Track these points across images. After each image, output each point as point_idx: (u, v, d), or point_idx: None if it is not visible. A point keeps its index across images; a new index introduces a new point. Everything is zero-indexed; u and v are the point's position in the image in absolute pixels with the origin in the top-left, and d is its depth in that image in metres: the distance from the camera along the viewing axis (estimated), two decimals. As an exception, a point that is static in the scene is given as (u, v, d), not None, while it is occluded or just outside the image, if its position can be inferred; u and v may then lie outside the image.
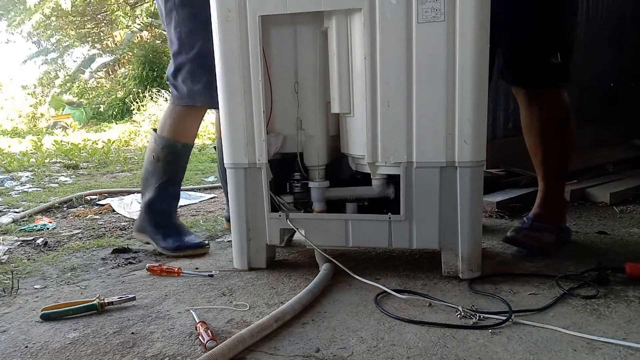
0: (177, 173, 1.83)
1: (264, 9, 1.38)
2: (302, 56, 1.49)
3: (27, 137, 7.73)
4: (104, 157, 4.89)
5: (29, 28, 12.17)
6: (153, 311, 1.26)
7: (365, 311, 1.22)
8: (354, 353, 1.02)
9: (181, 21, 1.71)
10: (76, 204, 2.77)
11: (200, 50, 1.68)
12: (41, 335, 1.15)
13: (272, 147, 1.48)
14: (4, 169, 4.23)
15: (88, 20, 13.47)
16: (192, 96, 1.72)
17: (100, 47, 13.88)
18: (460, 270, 1.39)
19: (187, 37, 1.70)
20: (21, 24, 12.03)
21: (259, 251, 1.53)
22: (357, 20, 1.35)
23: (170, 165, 1.79)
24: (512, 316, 1.13)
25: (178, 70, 1.74)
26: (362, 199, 1.51)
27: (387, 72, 1.33)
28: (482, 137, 1.34)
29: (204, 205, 2.75)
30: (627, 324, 1.11)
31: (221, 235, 2.03)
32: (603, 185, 2.51)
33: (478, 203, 1.39)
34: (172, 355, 1.03)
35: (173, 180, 1.82)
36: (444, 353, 1.00)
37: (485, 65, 1.31)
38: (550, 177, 1.72)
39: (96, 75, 13.75)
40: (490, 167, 2.48)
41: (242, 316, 1.21)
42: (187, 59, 1.71)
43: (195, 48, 1.69)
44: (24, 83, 14.80)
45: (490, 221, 2.10)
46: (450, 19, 1.26)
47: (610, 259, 1.54)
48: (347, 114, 1.46)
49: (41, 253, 1.86)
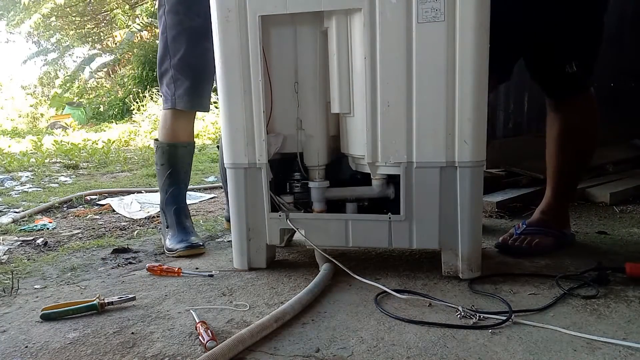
0: (177, 174, 1.86)
1: (264, 9, 1.38)
2: (302, 56, 1.49)
3: (27, 137, 7.73)
4: (104, 157, 4.89)
5: (27, 28, 12.15)
6: (153, 311, 1.26)
7: (365, 311, 1.22)
8: (354, 353, 1.02)
9: (168, 27, 1.77)
10: (76, 204, 2.77)
11: (183, 56, 1.76)
12: (41, 335, 1.15)
13: (272, 147, 1.48)
14: (4, 169, 4.23)
15: (88, 20, 13.47)
16: (174, 100, 1.80)
17: (100, 47, 13.88)
18: (460, 270, 1.39)
19: (172, 43, 1.77)
20: (20, 24, 12.03)
21: (259, 251, 1.53)
22: (357, 20, 1.35)
23: (168, 167, 1.85)
24: (512, 316, 1.13)
25: (162, 75, 1.83)
26: (362, 199, 1.51)
27: (387, 72, 1.33)
28: (482, 137, 1.34)
29: (204, 205, 2.75)
30: (627, 324, 1.11)
31: (221, 235, 2.03)
32: (603, 185, 2.51)
33: (478, 203, 1.39)
34: (172, 355, 1.03)
35: (174, 181, 1.86)
36: (444, 353, 1.00)
37: (485, 65, 1.30)
38: (559, 188, 1.71)
39: (96, 75, 13.75)
40: (490, 167, 2.48)
41: (242, 316, 1.21)
42: (171, 64, 1.78)
43: (179, 54, 1.77)
44: (24, 83, 14.81)
45: (490, 221, 2.10)
46: (450, 19, 1.26)
47: (610, 259, 1.53)
48: (347, 114, 1.46)
49: (41, 253, 1.86)
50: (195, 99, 1.79)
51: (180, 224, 1.82)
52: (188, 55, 1.75)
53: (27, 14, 11.67)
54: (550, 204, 1.72)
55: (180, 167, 1.87)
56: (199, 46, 1.77)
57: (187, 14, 1.72)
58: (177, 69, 1.78)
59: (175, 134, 1.85)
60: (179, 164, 1.86)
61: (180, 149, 1.86)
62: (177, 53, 1.77)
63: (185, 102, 1.79)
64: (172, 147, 1.84)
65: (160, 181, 1.88)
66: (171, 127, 1.84)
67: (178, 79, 1.78)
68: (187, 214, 1.88)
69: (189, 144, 1.90)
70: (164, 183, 1.86)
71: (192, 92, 1.77)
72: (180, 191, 1.88)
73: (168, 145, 1.84)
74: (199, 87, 1.81)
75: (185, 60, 1.76)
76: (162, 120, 1.88)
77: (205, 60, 1.78)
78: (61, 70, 14.54)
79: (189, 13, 1.51)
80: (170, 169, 1.85)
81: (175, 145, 1.85)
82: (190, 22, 1.72)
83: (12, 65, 26.09)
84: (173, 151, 1.84)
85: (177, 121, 1.85)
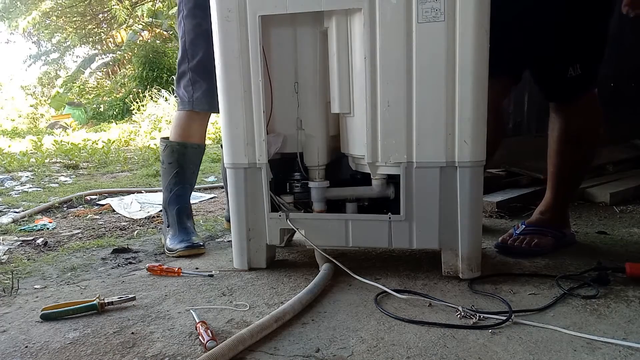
0: (184, 174, 1.88)
1: (264, 9, 1.38)
2: (302, 56, 1.49)
3: (27, 137, 7.73)
4: (104, 157, 4.89)
5: (24, 24, 12.13)
6: (153, 311, 1.26)
7: (365, 311, 1.22)
8: (354, 353, 1.02)
9: (186, 32, 1.80)
10: (76, 204, 2.77)
11: (202, 59, 1.78)
12: (41, 335, 1.15)
13: (272, 147, 1.48)
14: (4, 169, 4.24)
15: (88, 21, 13.47)
16: (192, 102, 1.82)
17: (101, 48, 13.89)
18: (460, 270, 1.39)
19: (191, 46, 1.80)
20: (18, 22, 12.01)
21: (259, 251, 1.53)
22: (357, 20, 1.35)
23: (175, 166, 1.86)
24: (512, 316, 1.13)
25: (180, 77, 1.84)
26: (362, 199, 1.51)
27: (387, 72, 1.33)
28: (482, 137, 1.34)
29: (204, 205, 2.75)
30: (627, 324, 1.11)
31: (221, 235, 2.03)
32: (603, 185, 2.51)
33: (478, 203, 1.39)
34: (172, 355, 1.03)
35: (180, 181, 1.87)
36: (444, 353, 1.00)
37: (485, 65, 1.30)
38: (559, 189, 1.70)
39: (96, 75, 13.76)
40: (490, 167, 2.48)
41: (242, 316, 1.21)
42: (189, 67, 1.81)
43: (197, 57, 1.79)
44: (24, 83, 14.82)
45: (490, 221, 2.10)
46: (450, 19, 1.26)
47: (610, 259, 1.53)
48: (347, 114, 1.46)
49: (41, 253, 1.86)
50: (212, 100, 1.77)
51: (181, 224, 1.83)
52: (206, 58, 1.76)
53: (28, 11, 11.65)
54: (550, 204, 1.72)
55: (188, 167, 1.88)
56: None
57: (204, 18, 1.72)
58: (195, 72, 1.80)
59: (188, 134, 1.87)
60: (187, 163, 1.88)
61: (190, 149, 1.87)
62: (195, 56, 1.79)
63: (203, 104, 1.81)
64: (182, 146, 1.85)
65: (165, 180, 1.89)
66: (185, 127, 1.86)
67: (196, 82, 1.80)
68: (189, 214, 1.89)
69: (200, 145, 1.91)
70: (169, 182, 1.87)
71: (209, 94, 1.77)
72: (185, 191, 1.89)
73: (178, 145, 1.85)
74: (216, 89, 1.82)
75: (203, 63, 1.78)
76: (175, 120, 1.89)
77: None
78: (61, 70, 14.55)
79: (206, 17, 1.53)
80: (178, 169, 1.86)
81: (186, 145, 1.86)
82: (207, 26, 1.72)
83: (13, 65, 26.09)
84: (183, 151, 1.86)
85: (192, 122, 1.87)
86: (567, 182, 1.71)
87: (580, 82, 1.59)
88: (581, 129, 1.65)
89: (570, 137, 1.65)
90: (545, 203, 1.73)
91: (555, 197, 1.71)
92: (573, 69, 1.57)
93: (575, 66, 1.57)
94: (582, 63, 1.57)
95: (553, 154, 1.69)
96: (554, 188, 1.71)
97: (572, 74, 1.57)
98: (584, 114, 1.65)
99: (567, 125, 1.65)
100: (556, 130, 1.67)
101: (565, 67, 1.57)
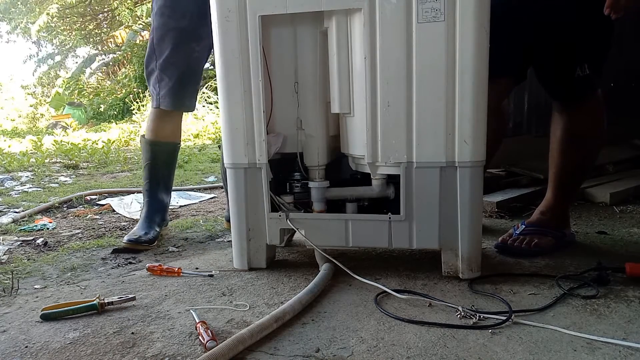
0: (156, 170, 1.94)
1: (264, 9, 1.38)
2: (302, 56, 1.49)
3: (27, 137, 7.73)
4: (104, 157, 4.89)
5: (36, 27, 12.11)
6: (153, 311, 1.26)
7: (365, 311, 1.22)
8: (354, 353, 1.02)
9: (154, 29, 1.83)
10: (76, 204, 2.77)
11: (168, 57, 1.81)
12: (41, 335, 1.15)
13: (272, 147, 1.48)
14: (4, 169, 4.23)
15: (89, 21, 13.46)
16: (159, 100, 1.86)
17: (101, 48, 13.88)
18: (460, 270, 1.39)
19: (158, 44, 1.83)
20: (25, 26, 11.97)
21: (259, 251, 1.53)
22: (357, 20, 1.35)
23: (147, 161, 1.94)
24: (512, 316, 1.13)
25: (149, 75, 1.88)
26: (362, 199, 1.51)
27: (387, 72, 1.33)
28: (482, 137, 1.34)
29: (204, 205, 2.75)
30: (627, 324, 1.11)
31: (221, 235, 2.03)
32: (603, 185, 2.51)
33: (478, 203, 1.39)
34: (172, 355, 1.03)
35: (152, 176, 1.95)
36: (444, 353, 1.00)
37: (486, 65, 1.30)
38: (560, 189, 1.70)
39: (96, 75, 13.75)
40: (491, 167, 2.48)
41: (242, 316, 1.21)
42: (156, 65, 1.84)
43: (163, 55, 1.81)
44: (24, 83, 14.82)
45: (490, 221, 2.10)
46: (450, 19, 1.26)
47: (610, 259, 1.53)
48: (347, 114, 1.46)
49: (41, 253, 1.86)
50: (178, 99, 1.85)
51: (148, 217, 1.90)
52: (172, 56, 1.80)
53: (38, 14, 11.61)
54: (550, 204, 1.71)
55: (160, 164, 1.95)
56: (184, 47, 1.81)
57: (171, 16, 1.78)
58: (161, 70, 1.83)
59: (157, 133, 1.93)
60: (158, 160, 1.94)
61: (161, 147, 1.93)
62: (162, 54, 1.81)
63: (167, 103, 1.84)
64: (152, 144, 1.92)
65: (144, 176, 1.98)
66: (155, 125, 1.92)
67: (162, 79, 1.83)
68: (159, 209, 1.94)
69: (171, 143, 1.96)
70: (143, 176, 1.96)
71: (175, 92, 1.83)
72: (153, 187, 1.94)
73: (149, 143, 1.92)
74: (183, 87, 1.87)
75: (169, 61, 1.81)
76: (148, 118, 1.97)
77: (190, 61, 1.84)
78: (61, 70, 14.54)
79: (174, 15, 1.56)
80: (149, 164, 1.93)
81: (157, 143, 1.92)
82: (175, 24, 1.78)
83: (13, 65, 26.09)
84: (154, 148, 1.92)
85: (161, 120, 1.92)
86: (568, 183, 1.71)
87: (587, 83, 1.58)
88: (585, 129, 1.64)
89: (574, 138, 1.64)
90: (545, 203, 1.73)
91: (556, 197, 1.71)
92: (581, 69, 1.55)
93: (583, 66, 1.55)
94: (590, 63, 1.56)
95: (555, 154, 1.68)
96: (555, 188, 1.71)
97: (579, 74, 1.56)
98: (588, 115, 1.64)
99: (571, 126, 1.64)
100: (559, 130, 1.66)
101: (573, 67, 1.56)
